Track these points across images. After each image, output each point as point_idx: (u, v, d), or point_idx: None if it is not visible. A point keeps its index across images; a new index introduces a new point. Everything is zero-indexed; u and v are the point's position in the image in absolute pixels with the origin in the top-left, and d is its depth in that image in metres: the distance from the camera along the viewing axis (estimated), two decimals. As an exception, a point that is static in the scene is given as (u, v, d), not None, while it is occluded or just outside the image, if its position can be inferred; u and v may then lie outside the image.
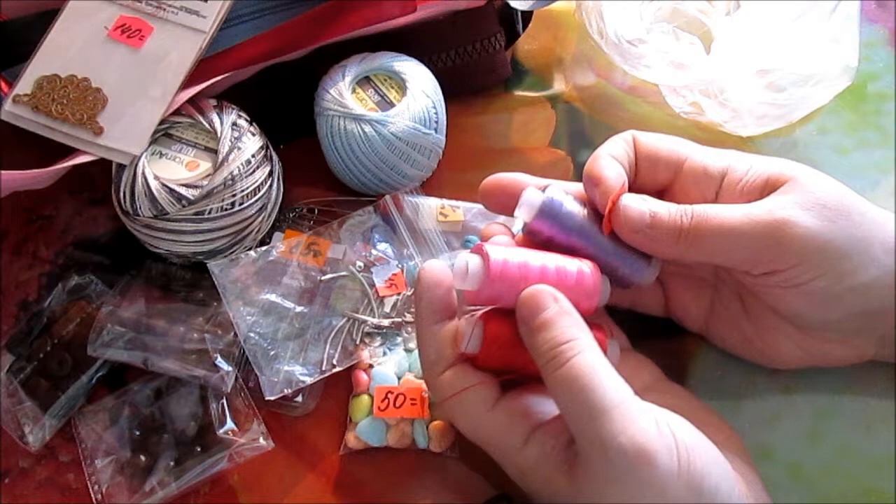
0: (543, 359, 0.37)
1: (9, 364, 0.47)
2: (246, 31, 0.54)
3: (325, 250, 0.51)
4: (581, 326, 0.37)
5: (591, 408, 0.35)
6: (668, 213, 0.41)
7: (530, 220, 0.42)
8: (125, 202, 0.47)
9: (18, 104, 0.48)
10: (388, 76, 0.53)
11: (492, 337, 0.39)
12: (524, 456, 0.38)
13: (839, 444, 0.46)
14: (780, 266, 0.40)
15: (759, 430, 0.46)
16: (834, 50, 0.53)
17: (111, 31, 0.49)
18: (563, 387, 0.36)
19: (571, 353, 0.36)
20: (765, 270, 0.41)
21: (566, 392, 0.36)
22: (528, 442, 0.38)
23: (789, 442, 0.46)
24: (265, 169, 0.49)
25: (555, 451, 0.37)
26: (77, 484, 0.46)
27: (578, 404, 0.35)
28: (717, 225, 0.40)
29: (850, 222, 0.41)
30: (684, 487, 0.34)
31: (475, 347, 0.39)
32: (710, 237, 0.40)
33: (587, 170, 0.42)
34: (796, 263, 0.40)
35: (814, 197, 0.41)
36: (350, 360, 0.47)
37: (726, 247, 0.40)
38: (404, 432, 0.46)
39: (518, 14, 0.59)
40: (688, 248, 0.41)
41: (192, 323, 0.48)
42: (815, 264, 0.40)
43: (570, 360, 0.36)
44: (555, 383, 0.36)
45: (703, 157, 0.44)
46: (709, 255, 0.41)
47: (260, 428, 0.46)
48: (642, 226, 0.41)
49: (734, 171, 0.43)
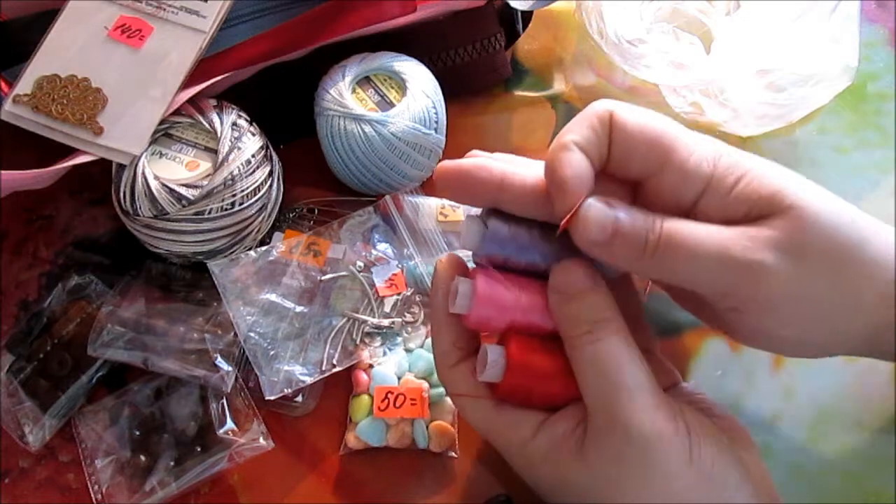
0: (577, 329, 0.36)
1: (9, 364, 0.47)
2: (246, 31, 0.54)
3: (325, 250, 0.51)
4: (615, 308, 0.37)
5: (618, 387, 0.35)
6: (633, 227, 0.35)
7: (478, 252, 0.38)
8: (125, 202, 0.47)
9: (18, 104, 0.48)
10: (388, 76, 0.53)
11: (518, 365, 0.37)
12: (534, 447, 0.38)
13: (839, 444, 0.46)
14: (746, 311, 0.36)
15: (759, 430, 0.46)
16: (834, 50, 0.53)
17: (111, 31, 0.49)
18: (595, 362, 0.36)
19: (607, 330, 0.36)
20: (730, 307, 0.37)
21: (596, 367, 0.36)
22: (538, 433, 0.38)
23: (789, 442, 0.46)
24: (265, 169, 0.49)
25: (565, 437, 0.37)
26: (77, 484, 0.46)
27: (607, 381, 0.35)
28: (687, 249, 0.35)
29: (839, 275, 0.36)
30: (694, 477, 0.35)
31: (496, 376, 0.38)
32: (676, 260, 0.35)
33: (548, 164, 0.36)
34: (764, 312, 0.36)
35: (802, 239, 0.35)
36: (350, 360, 0.47)
37: (692, 274, 0.36)
38: (404, 432, 0.46)
39: (518, 14, 0.59)
40: (650, 267, 0.36)
41: (192, 323, 0.48)
42: (785, 316, 0.36)
43: (604, 337, 0.36)
44: (585, 356, 0.36)
45: (690, 155, 0.37)
46: (672, 277, 0.36)
47: (260, 428, 0.46)
48: (602, 239, 0.35)
49: (722, 179, 0.37)
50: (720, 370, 0.48)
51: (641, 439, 0.34)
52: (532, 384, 0.38)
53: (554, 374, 0.38)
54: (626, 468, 0.35)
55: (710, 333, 0.50)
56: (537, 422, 0.38)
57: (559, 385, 0.38)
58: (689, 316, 0.46)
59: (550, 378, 0.38)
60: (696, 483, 0.35)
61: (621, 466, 0.35)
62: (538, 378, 0.38)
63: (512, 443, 0.39)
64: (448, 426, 0.46)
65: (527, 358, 0.37)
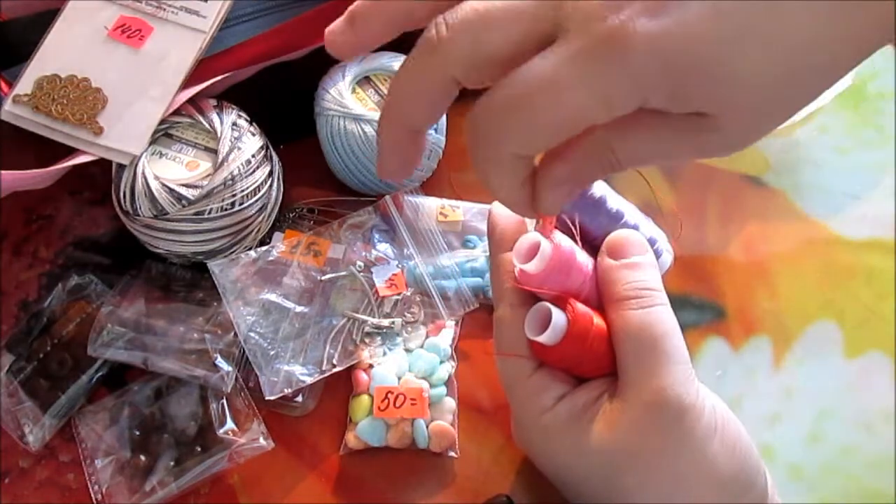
0: (630, 294, 0.38)
1: (9, 364, 0.47)
2: (246, 31, 0.54)
3: (325, 250, 0.51)
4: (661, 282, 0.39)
5: (661, 354, 0.36)
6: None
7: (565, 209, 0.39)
8: (125, 202, 0.47)
9: (18, 104, 0.48)
10: (388, 76, 0.53)
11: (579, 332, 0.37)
12: (553, 415, 0.38)
13: (839, 444, 0.46)
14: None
15: (759, 430, 0.46)
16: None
17: (111, 31, 0.49)
18: (642, 327, 0.37)
19: (659, 300, 0.38)
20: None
21: (642, 332, 0.37)
22: (559, 402, 0.38)
23: (789, 442, 0.46)
24: (265, 169, 0.49)
25: (586, 407, 0.38)
26: (77, 484, 0.46)
27: (650, 348, 0.36)
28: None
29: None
30: (720, 443, 0.36)
31: (554, 339, 0.37)
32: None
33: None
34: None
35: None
36: (350, 360, 0.47)
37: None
38: (404, 432, 0.46)
39: (518, 14, 0.59)
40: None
41: (192, 323, 0.48)
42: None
43: (655, 305, 0.37)
44: (632, 320, 0.37)
45: None
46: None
47: (260, 428, 0.46)
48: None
49: None
50: (720, 370, 0.48)
51: (679, 407, 0.35)
52: (584, 353, 0.38)
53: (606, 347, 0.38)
54: (659, 434, 0.36)
55: (711, 333, 0.50)
56: (560, 392, 0.39)
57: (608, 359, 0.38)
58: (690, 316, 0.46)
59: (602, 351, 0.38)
60: (725, 452, 0.36)
61: (654, 432, 0.36)
62: (591, 349, 0.38)
63: (533, 410, 0.39)
64: (448, 426, 0.46)
65: (588, 325, 0.37)
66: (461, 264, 0.50)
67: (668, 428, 0.36)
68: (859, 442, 0.46)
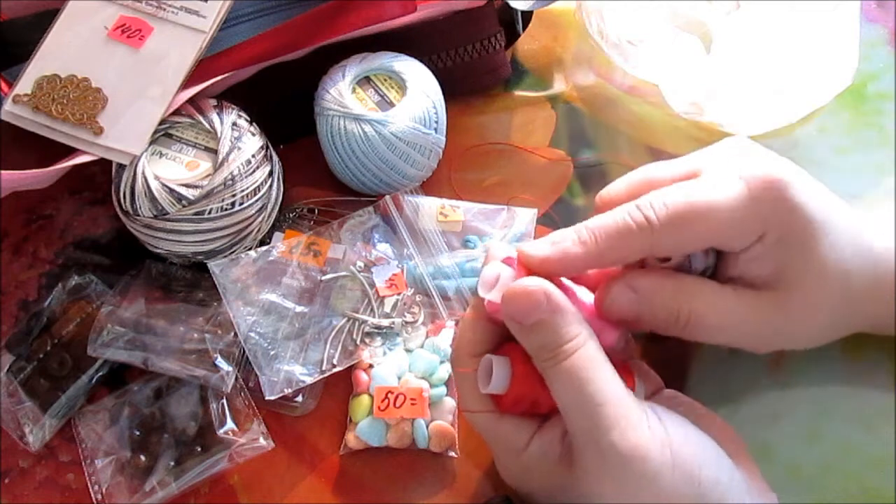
0: (540, 357, 0.37)
1: (9, 364, 0.47)
2: (246, 31, 0.55)
3: (325, 250, 0.51)
4: (577, 320, 0.37)
5: (584, 403, 0.35)
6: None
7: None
8: (125, 202, 0.47)
9: (18, 104, 0.48)
10: (388, 76, 0.53)
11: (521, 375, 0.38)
12: (528, 455, 0.39)
13: (839, 444, 0.46)
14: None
15: (759, 430, 0.46)
16: (834, 50, 0.53)
17: (111, 31, 0.49)
18: (561, 382, 0.36)
19: (569, 351, 0.36)
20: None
21: (562, 386, 0.36)
22: (531, 443, 0.39)
23: (789, 442, 0.46)
24: (265, 169, 0.49)
25: (552, 445, 0.38)
26: (77, 484, 0.46)
27: (573, 399, 0.36)
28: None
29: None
30: (681, 479, 0.35)
31: (500, 388, 0.38)
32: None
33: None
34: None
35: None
36: (350, 360, 0.47)
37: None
38: (404, 432, 0.46)
39: (518, 14, 0.59)
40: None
41: (192, 323, 0.48)
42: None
43: (568, 357, 0.36)
44: (552, 378, 0.37)
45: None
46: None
47: (260, 428, 0.46)
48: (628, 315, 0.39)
49: None
50: (720, 370, 0.48)
51: (617, 455, 0.35)
52: (536, 393, 0.38)
53: None
54: (609, 483, 0.35)
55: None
56: (530, 432, 0.39)
57: None
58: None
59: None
60: (685, 483, 0.35)
61: (604, 481, 0.36)
62: (543, 387, 0.37)
63: (509, 452, 0.40)
64: (448, 426, 0.46)
65: (530, 367, 0.38)
66: (461, 264, 0.50)
67: (615, 477, 0.35)
68: (859, 441, 0.46)
